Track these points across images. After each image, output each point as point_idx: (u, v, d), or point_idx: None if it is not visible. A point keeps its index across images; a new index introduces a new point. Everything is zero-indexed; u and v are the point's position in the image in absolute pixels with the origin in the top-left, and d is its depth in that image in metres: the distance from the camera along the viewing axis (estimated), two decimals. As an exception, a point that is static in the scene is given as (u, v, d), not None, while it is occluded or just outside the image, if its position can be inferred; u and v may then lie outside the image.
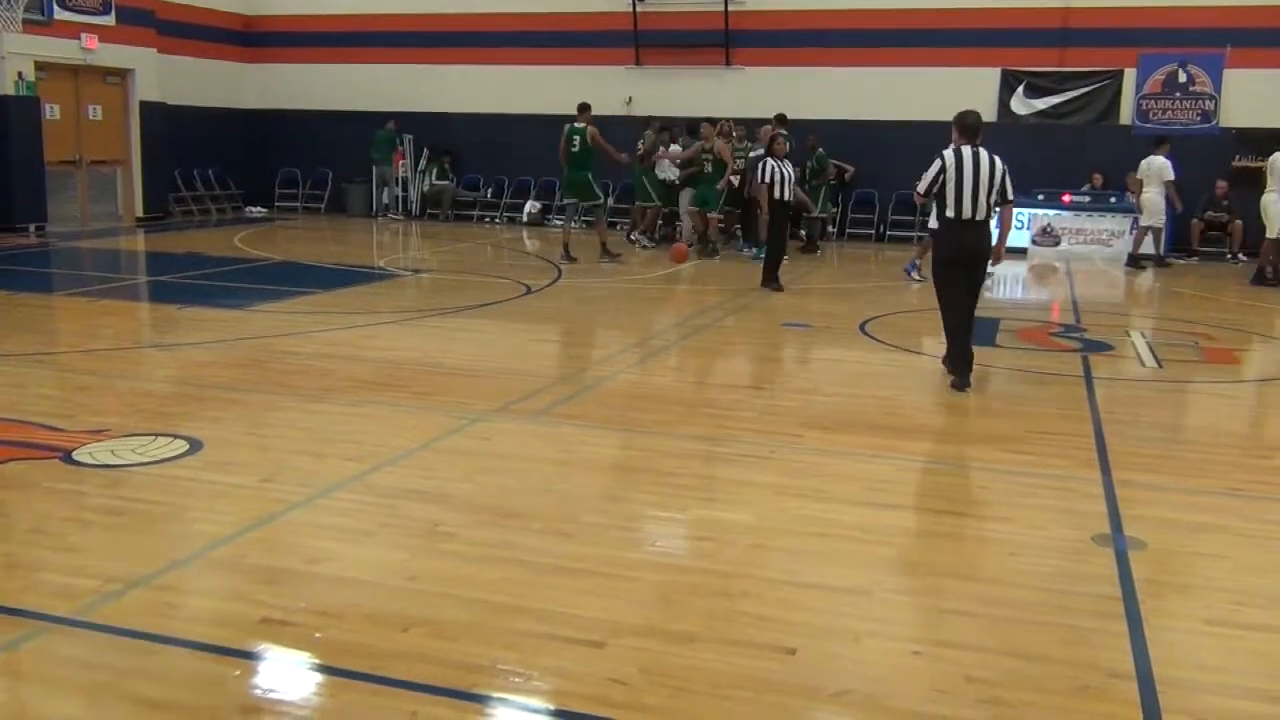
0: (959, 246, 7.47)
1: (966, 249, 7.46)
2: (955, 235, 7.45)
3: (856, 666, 3.43)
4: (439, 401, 6.70)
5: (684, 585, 4.02)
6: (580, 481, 5.32)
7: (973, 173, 7.32)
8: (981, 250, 7.53)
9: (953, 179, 7.34)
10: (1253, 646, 3.64)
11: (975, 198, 7.33)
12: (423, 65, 19.81)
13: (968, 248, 7.46)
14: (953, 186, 7.34)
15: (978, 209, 7.36)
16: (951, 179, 7.34)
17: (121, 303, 10.69)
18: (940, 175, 7.38)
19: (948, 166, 7.36)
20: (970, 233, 7.41)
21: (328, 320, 9.47)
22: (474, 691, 3.21)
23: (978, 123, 7.58)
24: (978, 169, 7.34)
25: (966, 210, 7.34)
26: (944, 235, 7.61)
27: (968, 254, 7.48)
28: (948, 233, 7.51)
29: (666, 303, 11.62)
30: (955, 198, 7.34)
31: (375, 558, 4.22)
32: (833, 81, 17.53)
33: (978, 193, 7.33)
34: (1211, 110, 16.48)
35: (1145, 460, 5.81)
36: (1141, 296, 13.46)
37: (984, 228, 7.47)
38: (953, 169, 7.35)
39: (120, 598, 3.77)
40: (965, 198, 7.33)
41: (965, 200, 7.33)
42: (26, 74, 15.66)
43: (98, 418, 6.11)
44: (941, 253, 7.74)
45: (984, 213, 7.39)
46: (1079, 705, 3.21)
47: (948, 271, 7.60)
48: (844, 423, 6.60)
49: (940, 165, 7.40)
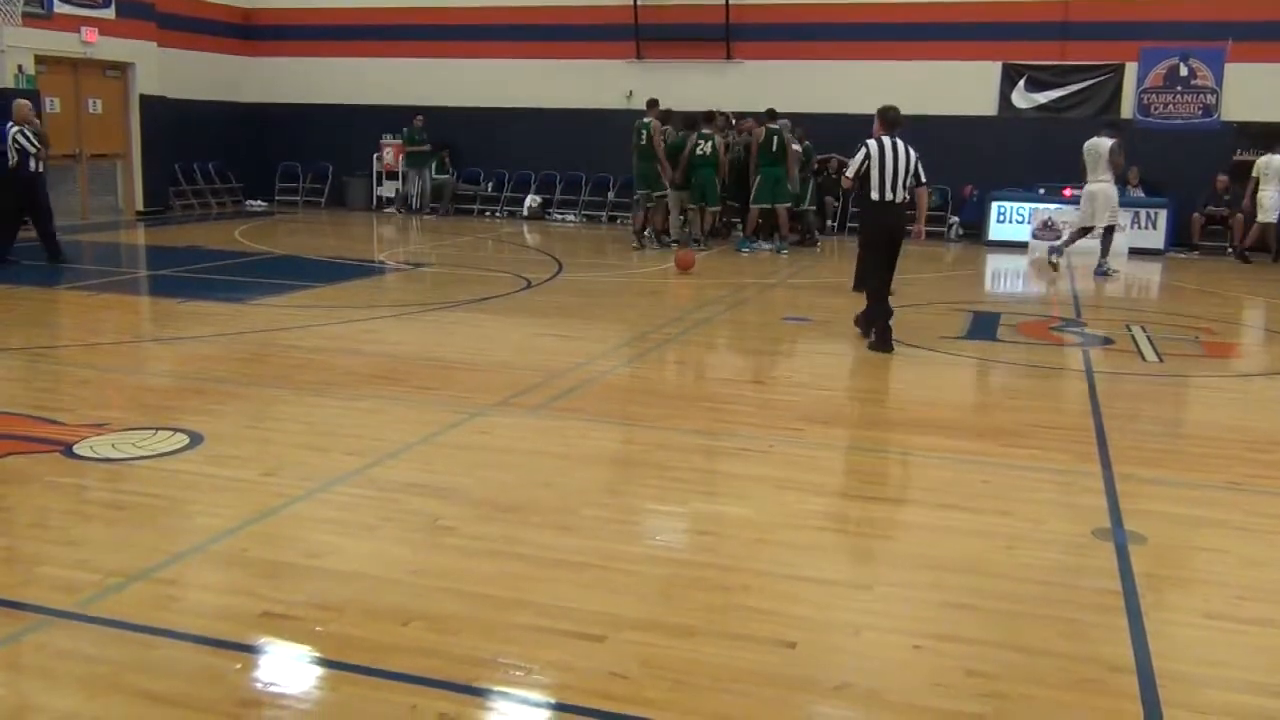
0: (883, 225, 8.47)
1: (889, 227, 8.47)
2: (880, 215, 8.43)
3: (856, 660, 3.43)
4: (440, 395, 6.70)
5: (684, 579, 4.02)
6: (581, 475, 5.32)
7: (893, 160, 8.25)
8: (901, 227, 8.55)
9: (876, 165, 8.25)
10: (1253, 640, 3.64)
11: (895, 182, 8.27)
12: (423, 59, 19.79)
13: (890, 226, 8.47)
14: (876, 172, 8.25)
15: (898, 192, 8.31)
16: (875, 166, 8.25)
17: (122, 297, 10.69)
18: (865, 162, 8.29)
19: (872, 155, 8.28)
20: (892, 213, 8.38)
21: (328, 314, 9.46)
22: (475, 685, 3.21)
23: (898, 117, 8.48)
24: (897, 157, 8.26)
25: (889, 193, 8.30)
26: (870, 216, 8.65)
27: (890, 231, 8.49)
28: (874, 213, 8.50)
29: (667, 297, 11.62)
30: (879, 182, 8.26)
31: (376, 551, 4.22)
32: (833, 75, 17.50)
33: (898, 177, 8.27)
34: (1213, 104, 16.46)
35: (1146, 454, 5.81)
36: (1142, 291, 13.45)
37: (903, 208, 8.48)
38: (876, 157, 8.26)
39: (121, 591, 3.78)
40: (888, 182, 8.27)
41: (888, 184, 8.27)
42: (26, 67, 15.64)
43: (98, 411, 6.11)
44: (869, 231, 8.85)
45: (903, 195, 8.37)
46: (1079, 699, 3.21)
47: (874, 247, 8.67)
48: (844, 417, 6.60)
49: (866, 153, 8.32)
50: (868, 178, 8.29)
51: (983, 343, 9.08)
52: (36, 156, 11.98)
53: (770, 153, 14.69)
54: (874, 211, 8.48)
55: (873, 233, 8.72)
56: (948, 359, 8.41)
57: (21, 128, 11.95)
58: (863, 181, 8.36)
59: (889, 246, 8.52)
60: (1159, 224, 16.02)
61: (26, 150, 11.91)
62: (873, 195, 8.33)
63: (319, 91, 20.48)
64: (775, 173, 14.74)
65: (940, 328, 9.58)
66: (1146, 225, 16.09)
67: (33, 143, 11.95)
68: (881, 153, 8.25)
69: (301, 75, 20.59)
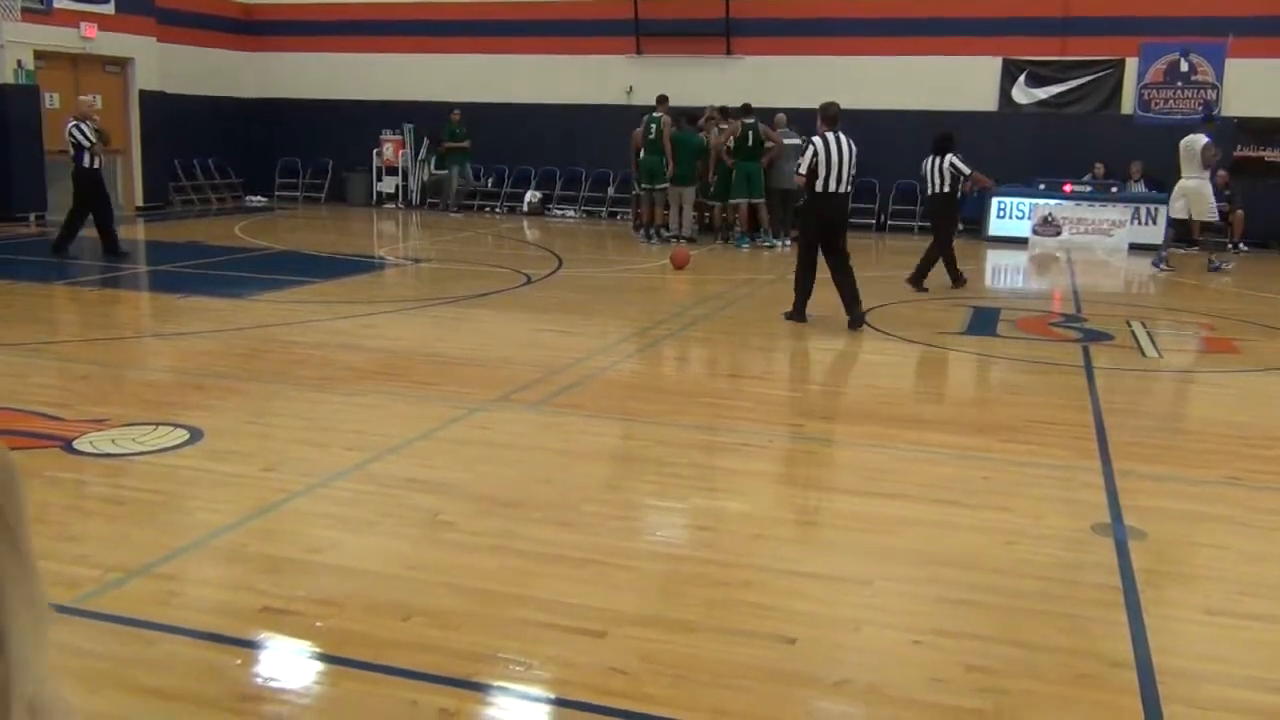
0: (822, 215, 9.02)
1: (830, 217, 9.05)
2: (820, 205, 8.97)
3: (856, 655, 3.44)
4: (439, 391, 6.70)
5: (684, 574, 4.02)
6: (580, 471, 5.32)
7: (838, 154, 8.82)
8: (844, 217, 9.27)
9: (823, 160, 8.80)
10: (1253, 636, 3.65)
11: (841, 175, 8.85)
12: (423, 54, 19.77)
13: (831, 216, 9.05)
14: (823, 166, 8.81)
15: (842, 184, 8.90)
16: (822, 160, 8.80)
17: (122, 292, 10.69)
18: (815, 157, 8.82)
19: (819, 150, 8.83)
20: (833, 203, 8.97)
21: (328, 310, 9.47)
22: (475, 680, 3.22)
23: (838, 112, 9.04)
24: (840, 151, 8.84)
25: (833, 185, 8.87)
26: (811, 206, 9.12)
27: (832, 221, 9.08)
28: (817, 204, 9.00)
29: (666, 293, 11.61)
30: (825, 175, 8.83)
31: (376, 547, 4.23)
32: (834, 70, 17.47)
33: (842, 170, 8.85)
34: (1213, 100, 16.44)
35: (1145, 450, 5.81)
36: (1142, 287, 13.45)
37: (845, 199, 9.15)
38: (823, 152, 8.82)
39: (121, 587, 3.78)
40: (832, 175, 8.84)
41: (832, 177, 8.84)
42: (26, 63, 15.62)
43: (98, 407, 6.11)
44: (810, 221, 9.26)
45: (845, 186, 8.97)
46: (1078, 694, 3.22)
47: (813, 237, 9.19)
48: (843, 412, 6.60)
49: (814, 149, 8.87)
50: (815, 171, 8.83)
51: (983, 338, 9.08)
52: (92, 152, 12.10)
53: (746, 148, 14.75)
54: (815, 202, 9.00)
55: (812, 220, 9.20)
56: (948, 354, 8.41)
57: (79, 123, 12.09)
58: (810, 174, 8.89)
59: (822, 233, 9.09)
60: (1159, 219, 15.99)
61: (82, 145, 12.05)
62: (817, 187, 8.88)
63: (319, 87, 20.46)
64: (748, 168, 14.80)
65: (940, 323, 9.58)
66: (1147, 220, 16.07)
67: (88, 138, 12.06)
68: (827, 148, 8.81)
69: (301, 70, 20.57)
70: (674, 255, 12.93)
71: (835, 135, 8.87)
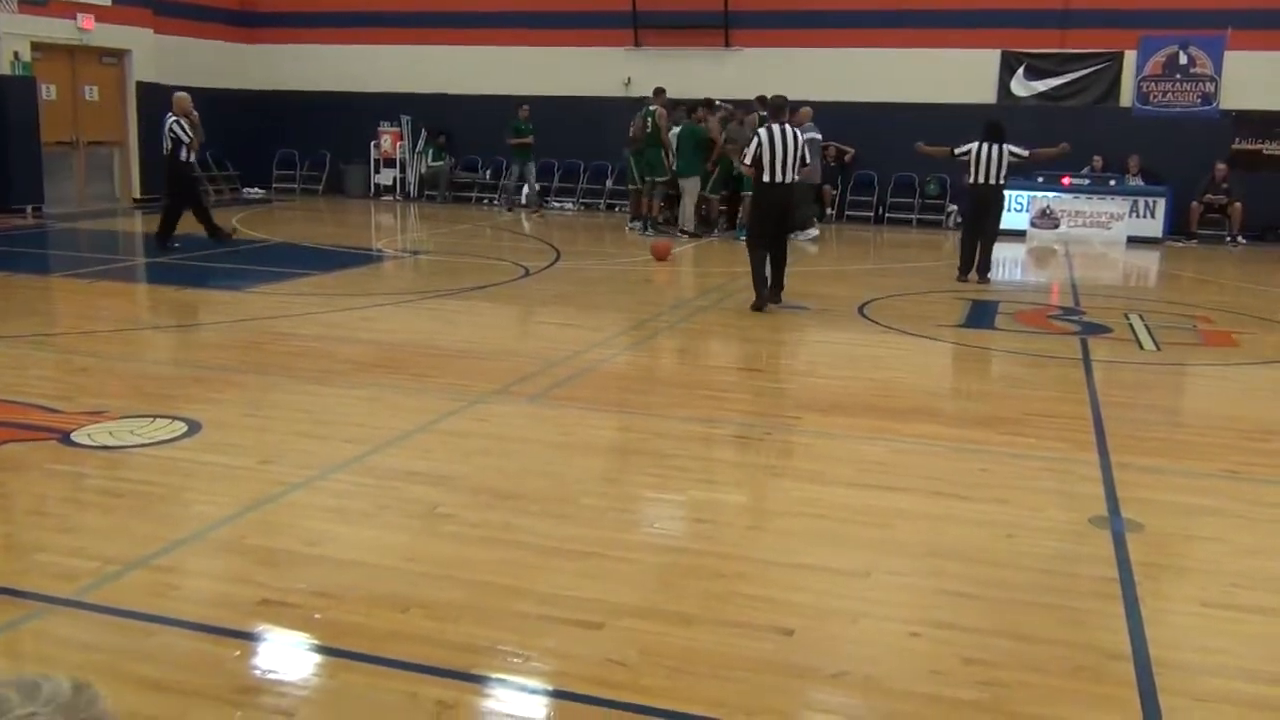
0: (770, 203, 9.36)
1: (777, 203, 9.38)
2: (768, 194, 9.33)
3: (854, 647, 3.44)
4: (438, 383, 6.70)
5: (682, 567, 4.03)
6: (578, 463, 5.32)
7: (781, 145, 9.10)
8: (788, 204, 9.56)
9: (767, 150, 9.09)
10: (1249, 628, 3.65)
11: (785, 165, 9.13)
12: (420, 46, 19.70)
13: (777, 202, 9.38)
14: (767, 156, 9.10)
15: (787, 174, 9.19)
16: (766, 151, 9.10)
17: (119, 284, 10.67)
18: (759, 148, 9.12)
19: (763, 141, 9.13)
20: (778, 192, 9.28)
21: (326, 302, 9.45)
22: (473, 672, 3.22)
23: (783, 104, 9.51)
24: (785, 142, 9.12)
25: (778, 175, 9.16)
26: (759, 195, 9.52)
27: (778, 208, 9.40)
28: (764, 193, 9.38)
29: (664, 285, 11.61)
30: (769, 165, 9.13)
31: (374, 539, 4.23)
32: (832, 63, 17.45)
33: (787, 160, 9.12)
34: (1212, 93, 16.42)
35: (1143, 443, 5.81)
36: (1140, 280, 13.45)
37: (790, 189, 9.43)
38: (766, 143, 9.11)
39: (119, 579, 3.78)
40: (777, 165, 9.12)
41: (777, 167, 9.12)
42: (23, 54, 15.58)
43: (96, 399, 6.10)
44: (759, 210, 9.63)
45: (792, 176, 9.29)
46: (1075, 686, 3.22)
47: (762, 225, 9.49)
48: (842, 405, 6.60)
49: (758, 140, 9.19)
50: (760, 162, 9.14)
51: (981, 331, 9.08)
52: (189, 147, 12.50)
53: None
54: (763, 191, 9.38)
55: (764, 209, 9.51)
56: (946, 347, 8.41)
57: (178, 119, 12.43)
58: (756, 165, 9.20)
59: (775, 223, 9.42)
60: (1157, 213, 16.01)
61: (181, 140, 12.39)
62: (764, 177, 9.21)
63: (316, 79, 20.40)
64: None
65: (938, 316, 9.58)
66: (1145, 214, 16.07)
67: (186, 133, 12.40)
68: (770, 139, 9.10)
69: (299, 62, 20.50)
70: (654, 247, 12.86)
71: (781, 127, 9.21)
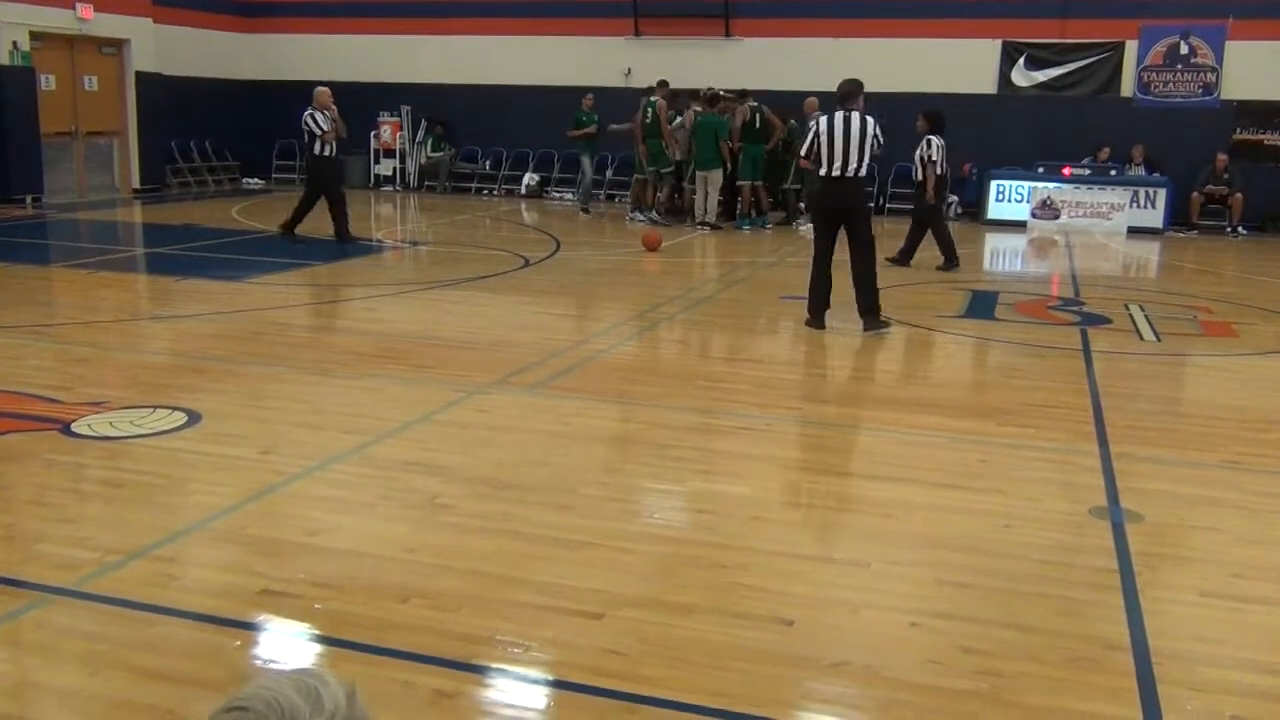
0: (831, 202, 8.37)
1: (838, 201, 8.30)
2: (826, 191, 8.38)
3: (854, 638, 3.45)
4: (437, 374, 6.70)
5: (682, 557, 4.03)
6: (578, 454, 5.32)
7: (844, 135, 8.08)
8: (855, 201, 8.36)
9: (825, 142, 8.13)
10: (1249, 619, 3.66)
11: (846, 156, 8.11)
12: (420, 35, 19.67)
13: (839, 200, 8.30)
14: (825, 150, 8.14)
15: (848, 167, 8.14)
16: (825, 142, 8.14)
17: (119, 275, 10.66)
18: (815, 141, 8.23)
19: (820, 132, 8.19)
20: (839, 187, 8.24)
21: (326, 293, 9.45)
22: (473, 662, 3.23)
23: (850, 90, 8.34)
24: (848, 131, 8.09)
25: (838, 169, 8.15)
26: (818, 192, 8.72)
27: (842, 206, 8.29)
28: (822, 189, 8.47)
29: (665, 276, 11.59)
30: (827, 158, 8.15)
31: (374, 529, 4.23)
32: (833, 53, 17.40)
33: (849, 152, 8.10)
34: (1213, 82, 16.40)
35: (1143, 433, 5.81)
36: (1141, 270, 13.44)
37: (857, 183, 8.33)
38: (825, 133, 8.14)
39: (120, 569, 3.78)
40: (837, 157, 8.12)
41: (837, 159, 8.12)
42: (21, 44, 15.54)
43: (96, 390, 6.11)
44: (816, 209, 8.89)
45: (856, 168, 8.18)
46: (1075, 676, 3.23)
47: (824, 227, 8.50)
48: (842, 396, 6.60)
49: (814, 130, 8.29)
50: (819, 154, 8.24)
51: (981, 321, 9.08)
52: (323, 139, 12.43)
53: (752, 130, 14.95)
54: (820, 186, 8.55)
55: (819, 208, 8.76)
56: (946, 338, 8.41)
57: (314, 112, 12.43)
58: (814, 159, 8.36)
59: (830, 221, 8.43)
60: (1158, 203, 15.98)
61: (314, 133, 12.38)
62: (820, 171, 8.34)
63: (316, 69, 20.30)
64: (754, 150, 14.95)
65: (939, 306, 9.58)
66: (1145, 204, 16.05)
67: (319, 125, 12.37)
68: (831, 129, 8.15)
69: (298, 52, 20.46)
70: (645, 237, 12.78)
71: (846, 115, 8.18)
